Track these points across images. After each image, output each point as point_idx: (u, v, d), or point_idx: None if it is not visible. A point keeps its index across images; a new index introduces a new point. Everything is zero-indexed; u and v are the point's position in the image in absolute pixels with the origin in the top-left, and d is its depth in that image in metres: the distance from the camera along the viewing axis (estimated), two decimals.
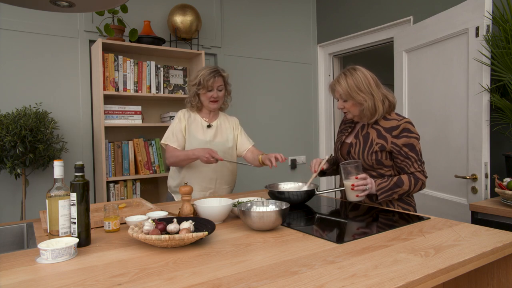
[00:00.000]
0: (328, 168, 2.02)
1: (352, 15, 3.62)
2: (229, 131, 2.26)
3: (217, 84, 2.14)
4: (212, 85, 2.12)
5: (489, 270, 1.28)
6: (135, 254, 1.15)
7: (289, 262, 1.05)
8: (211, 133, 2.18)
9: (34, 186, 2.63)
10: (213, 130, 2.20)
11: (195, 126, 2.18)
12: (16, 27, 2.59)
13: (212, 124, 2.21)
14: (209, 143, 2.15)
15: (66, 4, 1.39)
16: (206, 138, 2.16)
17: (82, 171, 1.26)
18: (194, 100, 2.18)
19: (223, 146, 2.19)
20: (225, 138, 2.22)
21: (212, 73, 2.12)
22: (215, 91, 2.15)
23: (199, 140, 2.14)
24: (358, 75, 1.73)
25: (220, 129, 2.24)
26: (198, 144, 2.12)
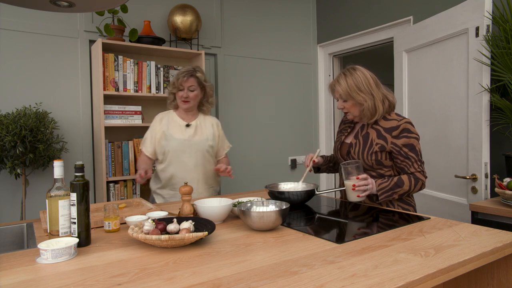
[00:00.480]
0: (323, 164, 2.02)
1: (352, 15, 3.62)
2: (209, 130, 2.25)
3: (188, 84, 2.15)
4: (183, 84, 2.14)
5: (489, 270, 1.28)
6: (135, 254, 1.15)
7: (289, 262, 1.05)
8: (190, 132, 2.18)
9: (34, 186, 2.63)
10: (192, 129, 2.20)
11: (173, 126, 2.19)
12: (16, 27, 2.59)
13: (191, 123, 2.21)
14: (187, 141, 2.16)
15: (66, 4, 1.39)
16: (185, 137, 2.16)
17: (82, 171, 1.26)
18: (170, 98, 2.25)
19: (203, 145, 2.19)
20: (204, 137, 2.21)
21: (184, 73, 2.16)
22: (186, 91, 2.15)
23: (178, 139, 2.15)
24: (358, 75, 1.73)
25: (200, 128, 2.23)
26: (177, 144, 2.14)
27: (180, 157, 2.14)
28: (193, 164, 2.16)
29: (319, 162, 1.99)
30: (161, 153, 2.16)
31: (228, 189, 3.49)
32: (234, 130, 3.54)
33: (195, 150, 2.16)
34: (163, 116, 2.24)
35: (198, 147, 2.17)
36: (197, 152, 2.17)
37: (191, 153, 2.15)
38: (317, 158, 1.94)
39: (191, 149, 2.15)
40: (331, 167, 2.07)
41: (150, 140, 2.18)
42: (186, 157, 2.15)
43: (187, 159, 2.15)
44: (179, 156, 2.14)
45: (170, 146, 2.14)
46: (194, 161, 2.16)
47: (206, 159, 2.21)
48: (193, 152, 2.16)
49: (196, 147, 2.17)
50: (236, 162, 3.55)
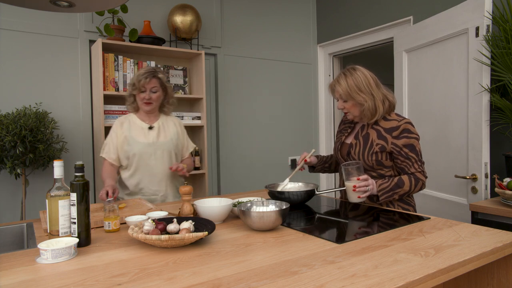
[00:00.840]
0: (318, 164, 2.03)
1: (352, 15, 3.62)
2: (172, 130, 2.19)
3: (150, 85, 2.07)
4: (144, 86, 2.06)
5: (489, 270, 1.28)
6: (135, 254, 1.15)
7: (289, 262, 1.05)
8: (153, 135, 2.12)
9: (34, 186, 2.63)
10: (155, 131, 2.13)
11: (136, 130, 2.11)
12: (16, 27, 2.59)
13: (153, 125, 2.15)
14: (152, 145, 2.09)
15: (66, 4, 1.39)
16: (149, 140, 2.09)
17: (82, 171, 1.26)
18: (130, 100, 2.15)
19: (168, 146, 2.13)
20: (169, 138, 2.15)
21: (145, 74, 2.06)
22: (148, 92, 2.07)
23: (141, 143, 2.08)
24: (358, 75, 1.73)
25: (163, 129, 2.17)
26: (141, 148, 2.06)
27: (146, 161, 2.08)
28: (161, 167, 2.10)
29: (311, 161, 1.99)
30: (125, 159, 2.08)
31: (228, 189, 3.49)
32: (234, 130, 3.54)
33: (161, 152, 2.10)
34: (123, 120, 2.14)
35: (164, 149, 2.11)
36: (164, 153, 2.11)
37: (157, 156, 2.09)
38: (310, 158, 1.94)
39: (157, 151, 2.09)
40: (326, 168, 2.07)
41: (112, 146, 2.09)
42: (152, 161, 2.09)
43: (154, 163, 2.09)
44: (145, 160, 2.08)
45: (135, 151, 2.06)
46: (161, 164, 2.10)
47: (173, 160, 2.15)
48: (159, 155, 2.10)
49: (162, 149, 2.10)
50: (236, 162, 3.55)
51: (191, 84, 3.21)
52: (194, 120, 3.07)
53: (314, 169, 2.06)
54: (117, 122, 2.14)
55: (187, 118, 3.04)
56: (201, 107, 3.10)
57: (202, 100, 3.08)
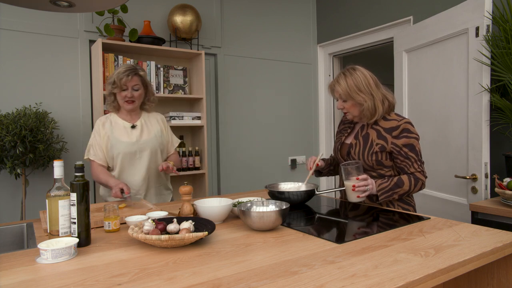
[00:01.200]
0: (324, 168, 2.02)
1: (352, 15, 3.62)
2: (155, 127, 2.15)
3: (132, 83, 2.01)
4: (126, 84, 2.00)
5: (489, 270, 1.28)
6: (135, 254, 1.15)
7: (289, 262, 1.05)
8: (136, 134, 2.07)
9: (34, 186, 2.63)
10: (138, 130, 2.09)
11: (118, 130, 2.06)
12: (16, 27, 2.59)
13: (136, 124, 2.10)
14: (136, 143, 2.05)
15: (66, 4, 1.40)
16: (132, 140, 2.05)
17: (82, 171, 1.26)
18: (110, 99, 2.07)
19: (153, 143, 2.09)
20: (152, 135, 2.11)
21: (127, 71, 2.00)
22: (130, 90, 2.02)
23: (125, 143, 2.03)
24: (357, 75, 1.73)
25: (146, 127, 2.12)
26: (125, 147, 2.02)
27: (131, 161, 2.04)
28: (146, 166, 2.07)
29: (321, 165, 1.97)
30: (110, 159, 2.04)
31: (228, 189, 3.49)
32: (234, 130, 3.54)
33: (145, 150, 2.07)
34: (105, 120, 2.08)
35: (148, 147, 2.07)
36: (148, 152, 2.07)
37: (142, 154, 2.06)
38: (320, 162, 1.92)
39: (141, 150, 2.06)
40: (331, 170, 2.07)
41: (98, 147, 2.03)
42: (137, 160, 2.05)
43: (138, 162, 2.06)
44: (129, 159, 2.04)
45: (119, 151, 2.02)
46: (146, 163, 2.06)
47: (158, 158, 2.12)
48: (144, 153, 2.06)
49: (146, 147, 2.07)
50: (236, 162, 3.55)
51: (191, 84, 3.21)
52: (194, 120, 3.07)
53: (321, 174, 2.05)
54: (99, 122, 2.08)
55: (187, 118, 3.04)
56: (201, 107, 3.10)
57: (202, 100, 3.08)
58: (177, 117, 2.98)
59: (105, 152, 2.04)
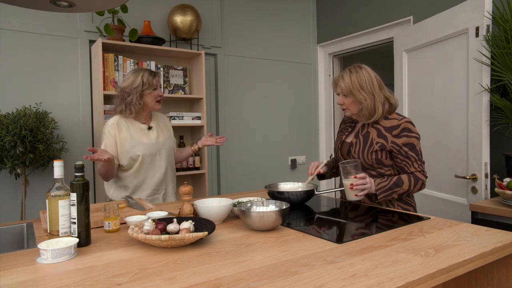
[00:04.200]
0: (327, 172, 2.03)
1: (352, 15, 3.62)
2: (165, 128, 2.24)
3: (159, 83, 2.15)
4: (157, 83, 2.11)
5: (489, 270, 1.28)
6: (135, 254, 1.15)
7: (289, 262, 1.05)
8: (153, 135, 2.14)
9: (34, 186, 2.63)
10: (154, 131, 2.16)
11: (135, 131, 2.09)
12: (16, 27, 2.59)
13: (151, 125, 2.17)
14: (156, 144, 2.12)
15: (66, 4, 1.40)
16: (152, 141, 2.11)
17: (82, 171, 1.26)
18: (138, 104, 2.04)
19: (168, 144, 2.19)
20: (167, 136, 2.21)
21: (152, 72, 2.10)
22: (159, 89, 2.14)
23: (146, 144, 2.08)
24: (362, 74, 1.74)
25: (160, 128, 2.21)
26: (146, 148, 2.07)
27: (151, 161, 2.10)
28: (164, 166, 2.14)
29: (323, 172, 1.98)
30: (129, 160, 2.04)
31: (228, 189, 3.49)
32: (234, 130, 3.54)
33: (164, 150, 2.15)
34: (119, 122, 2.06)
35: (166, 147, 2.16)
36: (166, 152, 2.16)
37: (161, 155, 2.13)
38: (322, 169, 1.93)
39: (161, 151, 2.13)
40: (334, 173, 2.07)
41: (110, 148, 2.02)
42: (157, 160, 2.12)
43: (159, 162, 2.12)
44: (150, 160, 2.09)
45: (140, 152, 2.05)
46: (164, 163, 2.14)
47: (172, 158, 2.23)
48: (163, 154, 2.14)
49: (164, 147, 2.15)
50: (236, 162, 3.55)
51: (191, 84, 3.21)
52: (194, 120, 3.07)
53: (324, 177, 2.05)
54: (113, 124, 2.05)
55: (187, 118, 3.04)
56: (201, 107, 3.10)
57: (202, 100, 3.08)
58: (177, 117, 2.98)
59: (119, 153, 2.04)
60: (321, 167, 1.90)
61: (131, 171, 2.08)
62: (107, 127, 2.05)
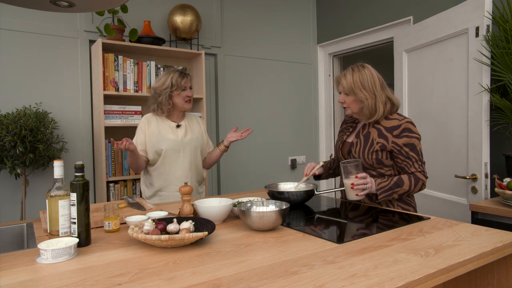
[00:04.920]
0: (323, 173, 2.03)
1: (352, 15, 3.62)
2: (197, 128, 2.31)
3: (188, 84, 2.21)
4: (185, 84, 2.18)
5: (489, 270, 1.28)
6: (135, 254, 1.15)
7: (289, 262, 1.05)
8: (181, 132, 2.21)
9: (34, 186, 2.63)
10: (183, 129, 2.23)
11: (164, 127, 2.19)
12: (16, 27, 2.59)
13: (180, 123, 2.24)
14: (181, 142, 2.18)
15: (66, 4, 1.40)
16: (178, 138, 2.18)
17: (82, 171, 1.26)
18: (168, 104, 2.16)
19: (195, 143, 2.24)
20: (195, 135, 2.26)
21: (182, 74, 2.19)
22: (189, 90, 2.20)
23: (171, 140, 2.16)
24: (365, 73, 1.75)
25: (190, 127, 2.27)
26: (170, 144, 2.15)
27: (174, 158, 2.17)
28: (188, 164, 2.20)
29: (319, 173, 1.99)
30: (154, 154, 2.16)
31: (228, 189, 3.49)
32: None
33: (189, 149, 2.20)
34: (150, 118, 2.21)
35: (191, 146, 2.22)
36: (191, 151, 2.21)
37: (185, 152, 2.19)
38: (319, 170, 1.94)
39: (185, 149, 2.19)
40: (331, 174, 2.08)
41: (140, 142, 2.16)
42: (181, 157, 2.18)
43: (182, 159, 2.18)
44: (173, 156, 2.17)
45: (164, 147, 2.14)
46: (188, 161, 2.20)
47: (198, 158, 2.27)
48: (187, 152, 2.20)
49: (189, 146, 2.21)
50: (236, 162, 3.55)
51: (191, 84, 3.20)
52: None
53: (320, 178, 2.06)
54: (144, 119, 2.20)
55: None
56: (201, 107, 3.10)
57: (202, 100, 3.08)
58: None
59: (147, 147, 2.16)
60: (317, 168, 1.90)
61: (155, 166, 2.18)
62: (140, 122, 2.21)
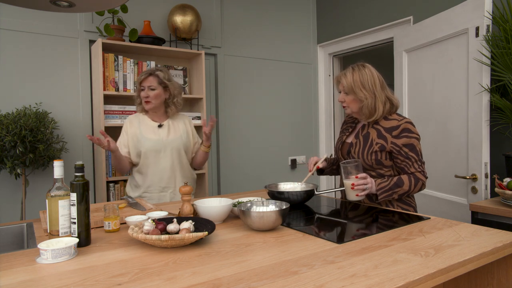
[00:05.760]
0: (327, 167, 2.02)
1: (352, 15, 3.62)
2: (181, 127, 2.24)
3: (148, 83, 2.11)
4: (143, 84, 2.12)
5: (489, 270, 1.28)
6: (135, 254, 1.15)
7: (289, 262, 1.05)
8: (163, 132, 2.17)
9: (34, 186, 2.63)
10: (165, 129, 2.18)
11: (145, 128, 2.16)
12: (16, 27, 2.59)
13: (163, 123, 2.20)
14: (162, 141, 2.14)
15: (66, 4, 1.40)
16: (159, 137, 2.14)
17: (82, 171, 1.26)
18: (137, 101, 2.21)
19: (178, 142, 2.18)
20: (178, 135, 2.20)
21: (143, 73, 2.15)
22: (146, 90, 2.11)
23: (152, 140, 2.12)
24: (365, 72, 1.75)
25: (173, 127, 2.21)
26: (151, 145, 2.11)
27: (155, 158, 2.12)
28: (169, 164, 2.15)
29: (323, 166, 1.98)
30: (137, 156, 2.13)
31: (228, 189, 3.49)
32: (234, 130, 3.54)
33: (170, 149, 2.15)
34: (133, 119, 2.20)
35: (173, 146, 2.16)
36: (172, 151, 2.15)
37: (166, 153, 2.14)
38: (322, 164, 1.93)
39: (166, 149, 2.14)
40: (334, 170, 2.07)
41: (123, 145, 2.14)
42: (162, 158, 2.13)
43: (163, 160, 2.13)
44: (154, 156, 2.12)
45: (145, 147, 2.11)
46: (170, 161, 2.15)
47: (182, 158, 2.20)
48: (168, 152, 2.14)
49: (171, 146, 2.15)
50: (236, 162, 3.55)
51: (191, 84, 3.21)
52: (194, 120, 3.07)
53: (323, 172, 2.05)
54: (127, 120, 2.21)
55: None
56: (201, 107, 3.10)
57: (202, 100, 3.08)
58: None
59: (130, 148, 2.14)
60: (321, 162, 1.90)
61: (138, 167, 2.16)
62: (124, 123, 2.21)
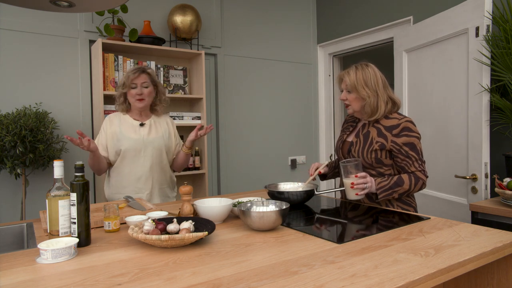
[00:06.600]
0: (329, 172, 2.04)
1: (352, 15, 3.62)
2: (163, 127, 2.19)
3: (141, 80, 2.06)
4: (136, 82, 2.06)
5: (489, 270, 1.28)
6: (135, 254, 1.15)
7: (289, 262, 1.05)
8: (144, 131, 2.11)
9: (34, 186, 2.63)
10: (147, 128, 2.12)
11: (126, 127, 2.10)
12: (16, 27, 2.59)
13: (145, 122, 2.14)
14: (142, 140, 2.08)
15: (66, 4, 1.40)
16: (140, 136, 2.08)
17: (82, 171, 1.26)
18: (120, 100, 2.12)
19: (158, 142, 2.12)
20: (160, 134, 2.14)
21: (134, 70, 2.08)
22: (139, 87, 2.06)
23: (132, 139, 2.06)
24: (368, 71, 1.76)
25: (154, 126, 2.16)
26: (131, 143, 2.05)
27: (134, 158, 2.07)
28: (149, 164, 2.08)
29: (324, 172, 1.99)
30: (114, 154, 2.07)
31: (228, 189, 3.49)
32: (234, 130, 3.54)
33: (151, 148, 2.09)
34: (113, 118, 2.13)
35: (154, 145, 2.10)
36: (153, 150, 2.09)
37: (146, 152, 2.08)
38: (323, 169, 1.94)
39: (147, 148, 2.08)
40: (337, 173, 2.08)
41: (101, 146, 2.06)
42: (141, 157, 2.07)
43: (142, 159, 2.07)
44: (133, 156, 2.06)
45: (124, 146, 2.05)
46: (149, 160, 2.08)
47: (163, 159, 2.14)
48: (149, 151, 2.08)
49: (152, 145, 2.09)
50: (236, 162, 3.55)
51: (191, 84, 3.21)
52: (194, 120, 3.07)
53: (326, 177, 2.06)
54: (107, 119, 2.14)
55: (187, 118, 3.04)
56: (201, 107, 3.10)
57: (202, 100, 3.08)
58: (177, 117, 2.99)
59: (108, 148, 2.08)
60: (322, 167, 1.91)
61: (114, 166, 2.09)
62: (103, 122, 2.15)
